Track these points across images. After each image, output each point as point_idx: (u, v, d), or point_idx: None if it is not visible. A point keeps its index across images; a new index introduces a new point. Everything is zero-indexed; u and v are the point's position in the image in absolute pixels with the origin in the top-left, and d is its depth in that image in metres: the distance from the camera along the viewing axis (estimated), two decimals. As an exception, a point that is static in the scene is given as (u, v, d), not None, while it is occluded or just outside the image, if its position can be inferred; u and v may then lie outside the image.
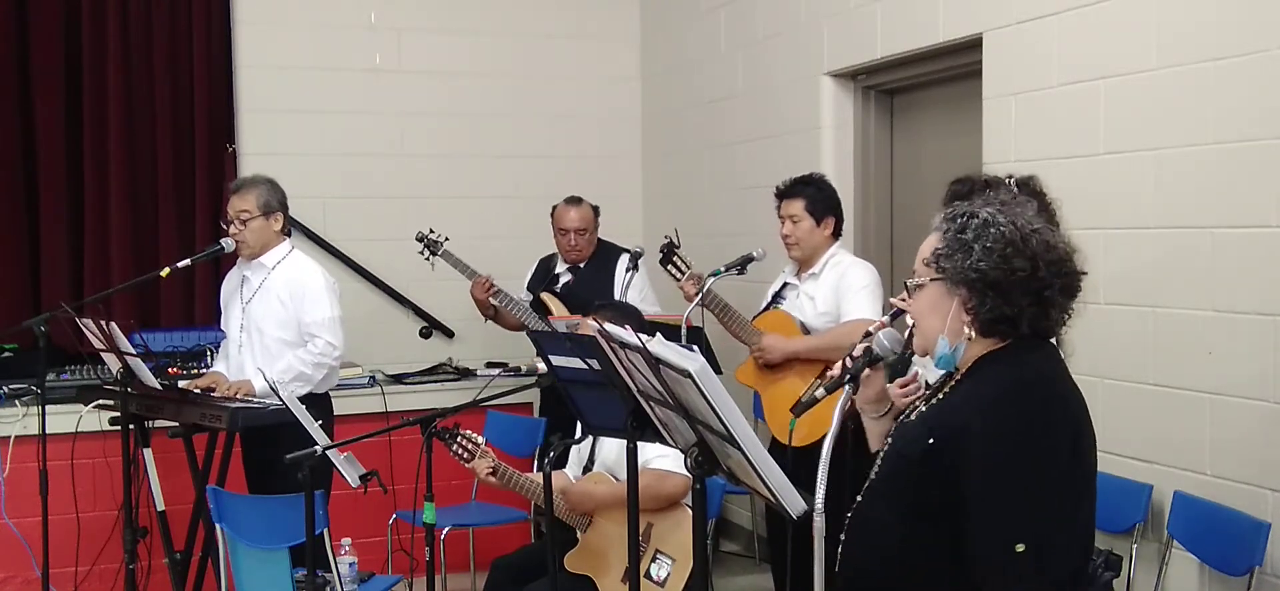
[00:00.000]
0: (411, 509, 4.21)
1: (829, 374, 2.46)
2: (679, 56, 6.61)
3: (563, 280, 5.65)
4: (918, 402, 2.45)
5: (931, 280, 2.31)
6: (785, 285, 4.67)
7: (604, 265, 5.58)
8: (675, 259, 4.70)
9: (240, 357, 4.67)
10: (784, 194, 4.58)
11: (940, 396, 2.37)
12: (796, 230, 4.52)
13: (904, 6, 4.87)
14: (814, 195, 4.53)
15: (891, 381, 2.52)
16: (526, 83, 6.75)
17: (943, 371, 2.39)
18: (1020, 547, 2.14)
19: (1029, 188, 3.16)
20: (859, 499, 2.42)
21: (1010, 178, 3.21)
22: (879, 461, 2.43)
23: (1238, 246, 3.55)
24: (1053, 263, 2.25)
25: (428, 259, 5.66)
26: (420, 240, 5.63)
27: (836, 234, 4.59)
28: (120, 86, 5.99)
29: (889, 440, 2.43)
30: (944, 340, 2.29)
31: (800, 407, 2.44)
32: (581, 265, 5.63)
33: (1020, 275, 2.23)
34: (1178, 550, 3.71)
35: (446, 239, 5.62)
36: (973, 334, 2.28)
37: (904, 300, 2.38)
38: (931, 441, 2.25)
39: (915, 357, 2.45)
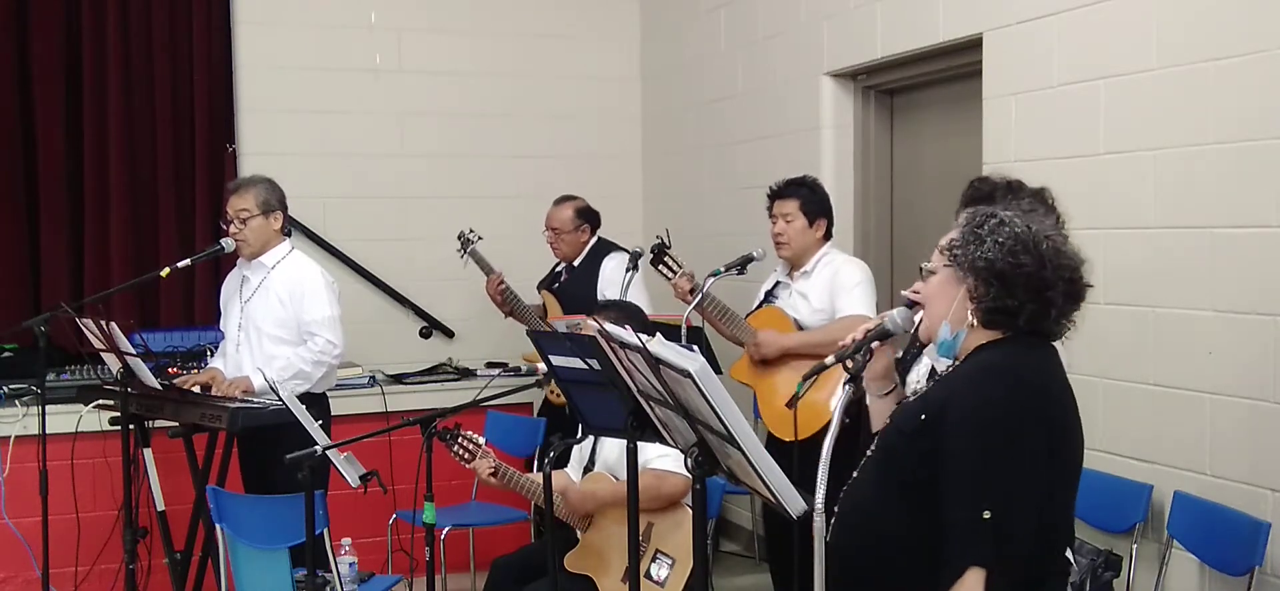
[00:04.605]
0: (411, 509, 4.20)
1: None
2: (679, 56, 6.60)
3: (562, 278, 5.67)
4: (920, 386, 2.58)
5: (943, 267, 2.45)
6: (777, 284, 4.68)
7: (592, 264, 5.58)
8: (666, 259, 4.69)
9: (238, 357, 4.66)
10: (778, 194, 4.60)
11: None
12: (789, 229, 4.53)
13: (904, 6, 4.86)
14: (808, 196, 4.55)
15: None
16: (526, 83, 6.75)
17: (948, 361, 2.51)
18: (987, 514, 2.26)
19: (1041, 199, 3.18)
20: (855, 474, 2.52)
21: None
22: (877, 440, 2.54)
23: (1238, 246, 3.55)
24: (1059, 266, 2.38)
25: (462, 256, 5.71)
26: (459, 238, 5.70)
27: (827, 236, 4.60)
28: (120, 86, 5.98)
29: (889, 420, 2.54)
30: (947, 326, 2.44)
31: (810, 374, 2.49)
32: (575, 263, 5.64)
33: (1025, 271, 2.36)
34: (1178, 550, 3.71)
35: (479, 238, 5.69)
36: (974, 321, 2.41)
37: (917, 287, 2.52)
38: (923, 417, 2.39)
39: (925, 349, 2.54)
